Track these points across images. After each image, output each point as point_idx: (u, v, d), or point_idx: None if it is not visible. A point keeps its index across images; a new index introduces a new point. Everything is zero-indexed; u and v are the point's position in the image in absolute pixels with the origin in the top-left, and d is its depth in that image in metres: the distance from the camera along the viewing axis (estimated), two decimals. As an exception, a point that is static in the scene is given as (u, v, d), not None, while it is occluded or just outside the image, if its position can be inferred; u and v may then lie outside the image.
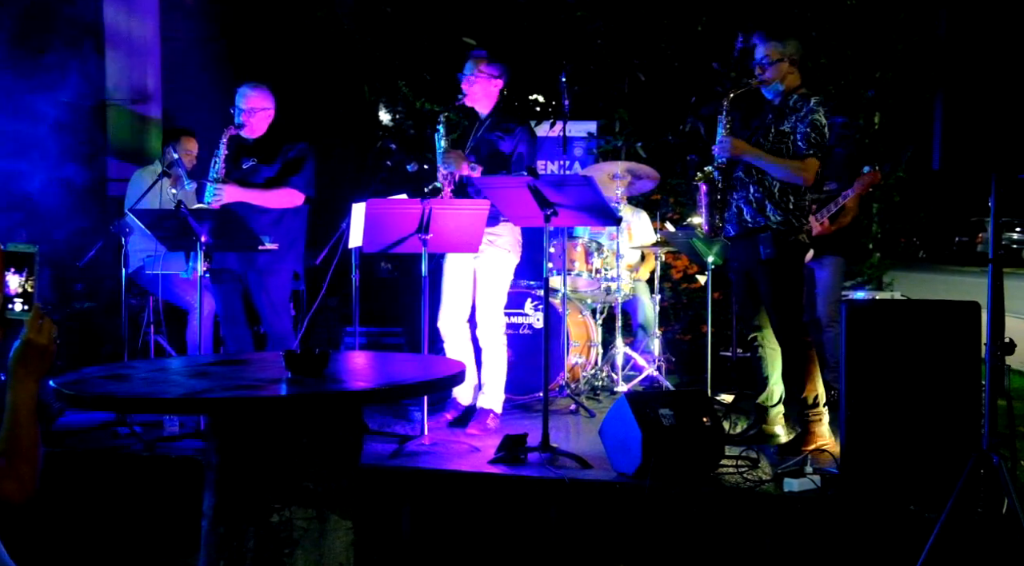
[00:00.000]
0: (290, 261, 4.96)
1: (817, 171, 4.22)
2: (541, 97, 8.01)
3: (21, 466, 1.86)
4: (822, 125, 4.19)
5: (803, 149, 4.18)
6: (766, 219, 4.25)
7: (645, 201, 6.78)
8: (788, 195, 4.24)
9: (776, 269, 4.26)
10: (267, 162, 4.89)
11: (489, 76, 4.78)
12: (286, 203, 4.88)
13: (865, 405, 3.59)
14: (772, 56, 4.26)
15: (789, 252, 4.25)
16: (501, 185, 4.36)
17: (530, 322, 5.76)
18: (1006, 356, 3.07)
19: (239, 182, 4.81)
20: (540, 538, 3.73)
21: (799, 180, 4.20)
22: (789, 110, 4.25)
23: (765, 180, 4.26)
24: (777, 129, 4.26)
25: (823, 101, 4.23)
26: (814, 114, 4.18)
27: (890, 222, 7.48)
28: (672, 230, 6.35)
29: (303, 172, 4.88)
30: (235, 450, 2.59)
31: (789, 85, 4.30)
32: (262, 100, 4.90)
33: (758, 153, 4.26)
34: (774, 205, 4.24)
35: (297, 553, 2.54)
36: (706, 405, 4.03)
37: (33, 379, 1.93)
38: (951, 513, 2.98)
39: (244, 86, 4.93)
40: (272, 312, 4.89)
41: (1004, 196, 3.09)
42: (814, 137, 4.17)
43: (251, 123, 4.88)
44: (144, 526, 4.06)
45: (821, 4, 6.84)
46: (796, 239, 4.25)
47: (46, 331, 1.96)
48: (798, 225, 4.25)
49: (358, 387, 2.61)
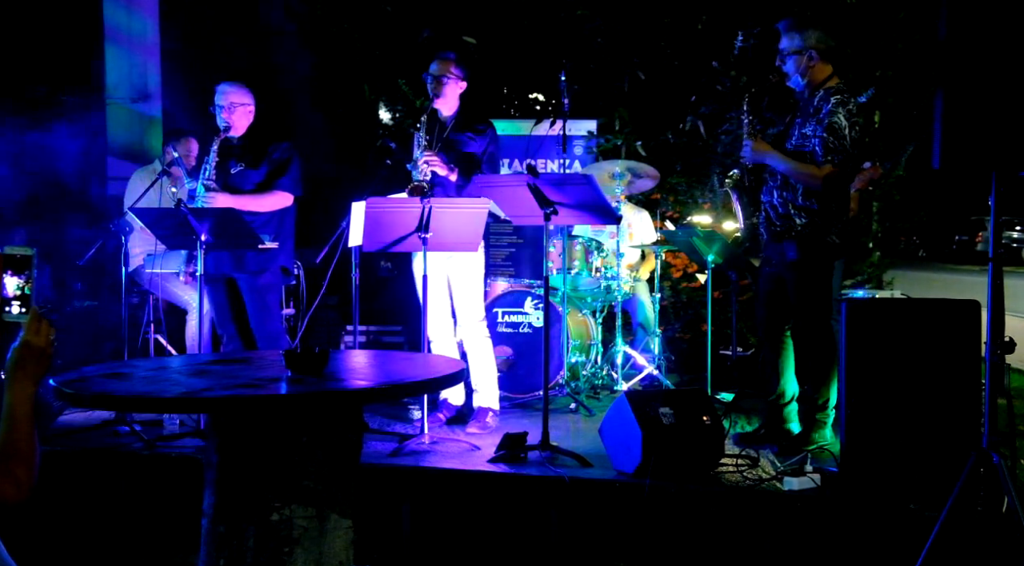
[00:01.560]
0: (280, 260, 4.96)
1: (835, 177, 4.07)
2: (541, 96, 8.01)
3: (18, 467, 1.86)
4: (841, 127, 4.01)
5: (820, 155, 4.06)
6: (791, 222, 4.18)
7: (645, 200, 6.77)
8: (811, 198, 4.13)
9: (802, 271, 4.19)
10: (254, 166, 4.90)
11: (457, 78, 4.81)
12: (277, 206, 4.90)
13: (865, 404, 3.59)
14: (790, 48, 4.16)
15: (815, 254, 4.16)
16: (501, 184, 4.36)
17: (530, 321, 5.76)
18: (1006, 355, 3.06)
19: (229, 189, 4.82)
20: (540, 537, 3.73)
21: (815, 187, 4.09)
22: (813, 110, 4.12)
23: (789, 182, 4.18)
24: (800, 130, 4.17)
25: (844, 100, 4.05)
26: (832, 117, 4.02)
27: (890, 221, 7.48)
28: (672, 229, 6.35)
29: (290, 172, 4.89)
30: (235, 449, 2.59)
31: (814, 79, 4.16)
32: (241, 96, 4.91)
33: (777, 156, 4.18)
34: (797, 208, 4.16)
35: (297, 552, 2.54)
36: (706, 404, 4.02)
37: (31, 381, 1.93)
38: (951, 512, 2.98)
39: (222, 83, 4.95)
40: (262, 310, 4.89)
41: (1004, 195, 3.09)
42: (832, 142, 4.02)
43: (233, 121, 4.88)
44: (144, 525, 4.07)
45: (821, 3, 6.84)
46: (823, 241, 4.15)
47: (44, 333, 1.96)
48: (823, 226, 4.13)
49: (358, 386, 2.60)
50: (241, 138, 4.94)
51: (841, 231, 4.19)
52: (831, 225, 4.15)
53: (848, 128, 4.04)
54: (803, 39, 4.14)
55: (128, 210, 4.93)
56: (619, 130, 7.02)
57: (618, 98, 7.14)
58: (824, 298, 4.25)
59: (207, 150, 4.79)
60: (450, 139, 4.81)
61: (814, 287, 4.21)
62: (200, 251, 4.53)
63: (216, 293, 4.95)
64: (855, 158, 4.16)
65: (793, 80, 4.22)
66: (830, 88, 4.12)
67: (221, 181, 4.80)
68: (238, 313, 4.97)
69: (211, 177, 4.74)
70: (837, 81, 4.16)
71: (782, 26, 4.22)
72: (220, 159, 4.79)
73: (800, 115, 4.22)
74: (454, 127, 4.82)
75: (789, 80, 4.24)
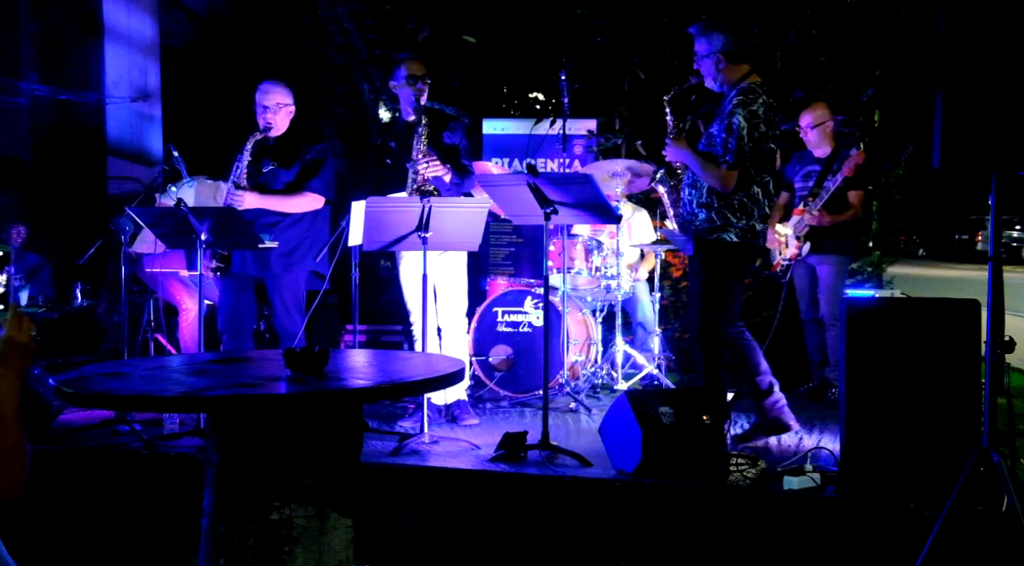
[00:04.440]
0: (307, 263, 4.93)
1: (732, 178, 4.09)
2: (541, 95, 8.02)
3: (10, 464, 1.86)
4: (738, 127, 4.04)
5: (719, 154, 4.13)
6: (694, 218, 4.27)
7: (645, 199, 6.78)
8: (713, 195, 4.20)
9: (698, 267, 4.27)
10: (286, 166, 4.84)
11: (426, 78, 4.86)
12: (306, 207, 4.86)
13: (865, 403, 3.59)
14: (702, 52, 4.22)
15: (710, 251, 4.21)
16: (501, 183, 4.36)
17: (530, 320, 5.76)
18: (1006, 354, 3.06)
19: (259, 188, 4.79)
20: (540, 536, 3.73)
21: (717, 187, 4.15)
22: (720, 110, 4.19)
23: (698, 180, 4.26)
24: (708, 130, 4.24)
25: (746, 100, 4.06)
26: (731, 117, 4.06)
27: (890, 220, 7.48)
28: (672, 228, 6.34)
29: (322, 174, 4.85)
30: (235, 448, 2.59)
31: (728, 80, 4.21)
32: (284, 95, 4.85)
33: (689, 155, 4.23)
34: (700, 205, 4.24)
35: (297, 551, 2.54)
36: (706, 403, 4.02)
37: (15, 376, 1.94)
38: (951, 511, 2.98)
39: (265, 83, 4.86)
40: (284, 312, 4.88)
41: (1004, 194, 3.09)
42: (729, 141, 4.07)
43: (276, 121, 4.81)
44: (144, 524, 4.07)
45: (821, 2, 6.84)
46: (719, 238, 4.19)
47: (26, 329, 1.97)
48: (721, 224, 4.17)
49: (358, 385, 2.60)
50: (277, 137, 4.88)
51: (742, 230, 4.19)
52: (728, 224, 4.19)
53: (748, 128, 4.05)
54: (710, 43, 4.19)
55: (127, 209, 4.92)
56: (619, 129, 7.03)
57: (618, 97, 7.15)
58: (717, 297, 4.24)
59: (240, 148, 4.74)
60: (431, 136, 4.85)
61: (704, 283, 4.25)
62: (200, 251, 4.53)
63: (235, 290, 4.90)
64: (755, 156, 4.12)
65: (708, 82, 4.28)
66: (740, 88, 4.14)
67: (252, 180, 4.77)
68: (248, 314, 4.96)
69: (242, 176, 4.71)
70: (754, 79, 4.18)
71: (694, 30, 4.28)
72: (253, 158, 4.76)
73: (716, 116, 4.27)
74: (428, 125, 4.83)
75: (706, 82, 4.28)
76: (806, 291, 5.66)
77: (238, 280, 4.89)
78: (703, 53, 4.22)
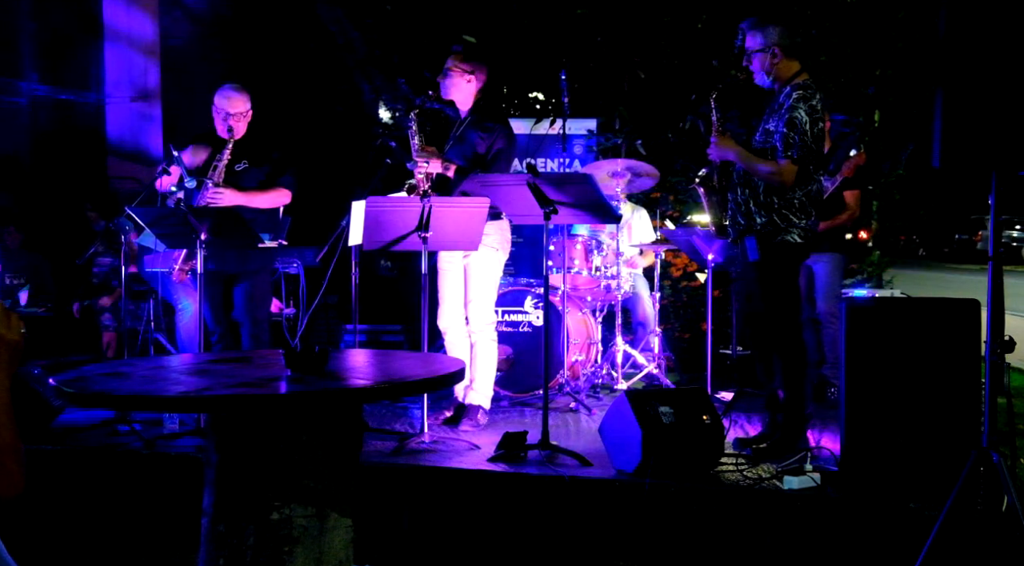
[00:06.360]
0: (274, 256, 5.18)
1: (796, 173, 4.00)
2: (541, 95, 8.01)
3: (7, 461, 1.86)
4: (801, 122, 3.97)
5: (780, 150, 4.02)
6: (751, 221, 4.12)
7: (645, 199, 6.78)
8: (772, 195, 4.08)
9: (764, 272, 4.14)
10: (258, 165, 5.05)
11: (462, 71, 4.76)
12: (279, 202, 5.12)
13: (865, 403, 3.59)
14: (754, 46, 4.14)
15: (775, 254, 4.10)
16: (501, 183, 4.36)
17: (530, 320, 5.76)
18: (1006, 354, 3.06)
19: (235, 186, 4.94)
20: (540, 536, 3.73)
21: (775, 183, 4.04)
22: (777, 106, 4.11)
23: (752, 180, 4.14)
24: (765, 126, 4.15)
25: (806, 95, 4.00)
26: (793, 111, 3.99)
27: (890, 220, 7.48)
28: (672, 228, 6.35)
29: (291, 170, 5.11)
30: (235, 448, 2.59)
31: (780, 76, 4.14)
32: (244, 102, 5.01)
33: (739, 153, 4.15)
34: (758, 206, 4.10)
35: (297, 551, 2.54)
36: (706, 403, 4.02)
37: (5, 373, 1.94)
38: (951, 511, 2.98)
39: (226, 89, 5.01)
40: (260, 300, 5.09)
41: (1004, 194, 3.08)
42: (792, 137, 3.98)
43: (239, 127, 4.99)
44: (144, 524, 4.06)
45: (821, 2, 6.84)
46: (783, 240, 4.08)
47: (15, 326, 1.97)
48: (784, 226, 4.06)
49: (358, 385, 2.60)
50: (244, 137, 5.03)
51: (804, 230, 4.10)
52: (791, 224, 4.08)
53: (809, 123, 4.00)
54: (765, 37, 4.12)
55: (127, 208, 4.93)
56: (619, 129, 7.02)
57: (618, 97, 7.15)
58: (788, 299, 4.18)
59: (220, 150, 4.90)
60: (463, 136, 4.81)
61: (776, 288, 4.15)
62: (200, 251, 4.53)
63: (213, 289, 5.00)
64: (816, 153, 4.09)
65: (760, 78, 4.20)
66: (796, 84, 4.08)
67: (227, 179, 4.93)
68: (228, 311, 5.11)
69: (220, 175, 4.87)
70: (805, 77, 4.13)
71: (745, 25, 4.22)
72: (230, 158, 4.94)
73: (768, 112, 4.20)
74: (469, 125, 4.81)
75: (756, 78, 4.21)
76: (803, 289, 5.65)
77: (215, 277, 4.97)
78: (757, 46, 4.14)
